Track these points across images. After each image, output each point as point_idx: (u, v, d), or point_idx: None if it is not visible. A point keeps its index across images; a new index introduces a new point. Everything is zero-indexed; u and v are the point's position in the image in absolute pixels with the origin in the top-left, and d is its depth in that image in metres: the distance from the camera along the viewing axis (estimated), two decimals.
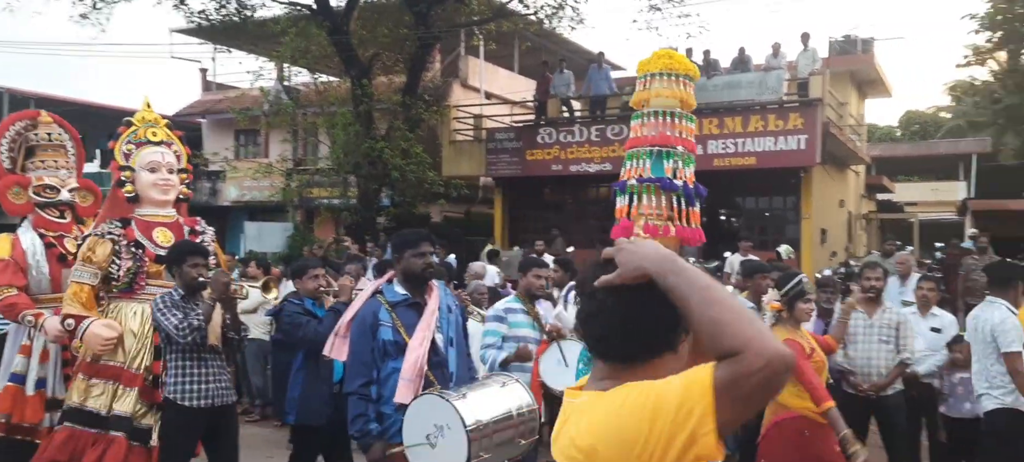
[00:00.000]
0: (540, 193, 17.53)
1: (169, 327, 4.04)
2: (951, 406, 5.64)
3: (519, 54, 20.59)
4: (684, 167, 3.03)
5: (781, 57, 15.01)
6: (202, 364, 4.19)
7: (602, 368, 1.33)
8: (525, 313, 4.80)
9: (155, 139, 4.68)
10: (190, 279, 4.19)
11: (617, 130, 15.70)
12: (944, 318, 6.03)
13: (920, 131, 39.90)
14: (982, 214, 18.81)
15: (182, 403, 4.12)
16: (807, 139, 13.98)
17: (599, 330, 1.32)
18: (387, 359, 3.42)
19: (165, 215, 4.63)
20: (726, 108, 14.71)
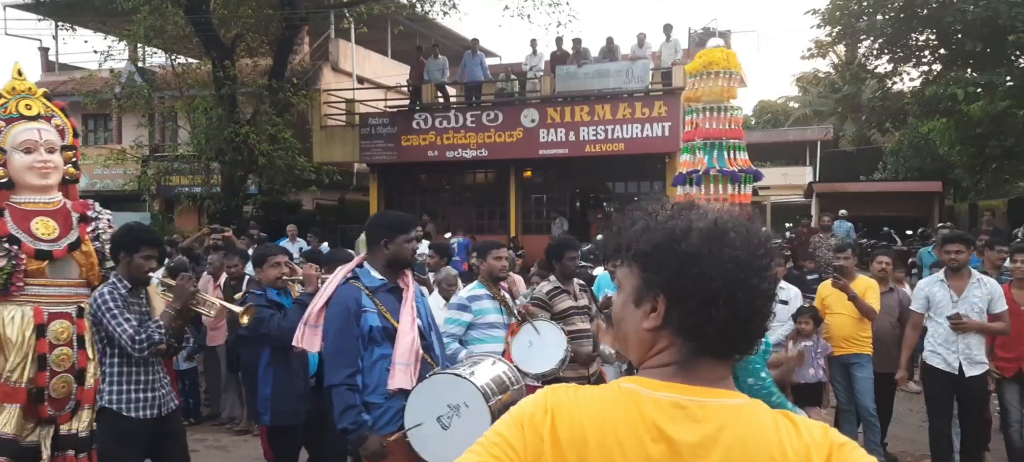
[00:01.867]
0: (416, 179, 17.38)
1: (122, 336, 3.60)
2: (797, 373, 6.07)
3: (392, 39, 20.25)
4: (736, 154, 3.08)
5: (646, 47, 15.63)
6: (147, 370, 3.77)
7: (720, 367, 1.15)
8: (491, 298, 4.67)
9: (30, 113, 3.97)
10: (141, 272, 3.76)
11: (493, 116, 15.84)
12: (790, 291, 6.48)
13: (772, 120, 42.82)
14: (825, 196, 20.46)
15: (126, 414, 3.69)
16: (671, 126, 14.66)
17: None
18: (372, 346, 3.25)
19: (47, 201, 3.96)
20: (596, 96, 15.16)
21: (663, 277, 1.11)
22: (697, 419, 1.08)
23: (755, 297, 1.11)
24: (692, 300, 1.09)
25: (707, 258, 1.09)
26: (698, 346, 1.11)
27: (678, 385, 1.11)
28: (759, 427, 1.09)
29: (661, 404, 1.09)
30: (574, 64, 15.47)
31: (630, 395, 1.11)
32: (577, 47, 15.71)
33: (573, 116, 15.29)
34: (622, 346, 1.23)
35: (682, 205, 1.19)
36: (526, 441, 1.09)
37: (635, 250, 1.15)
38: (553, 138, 15.45)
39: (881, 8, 13.34)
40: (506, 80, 16.87)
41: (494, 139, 15.70)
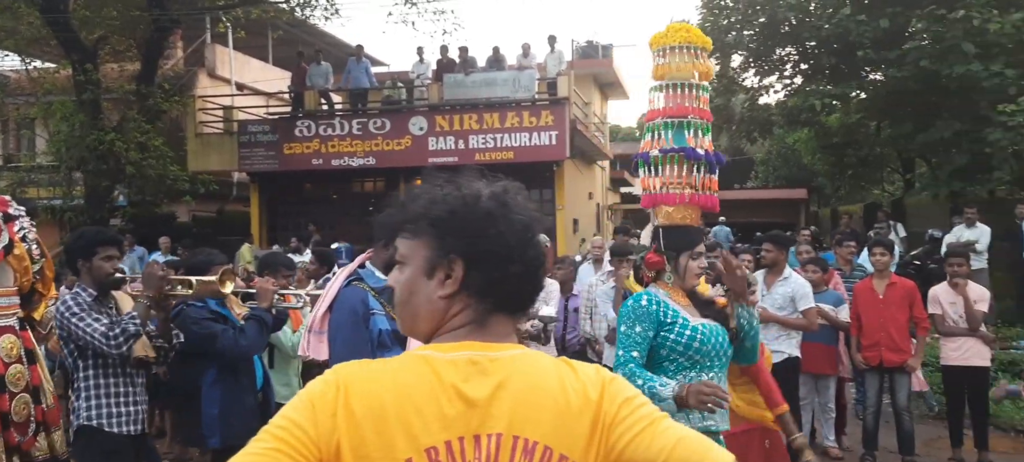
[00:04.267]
0: (301, 188, 16.84)
1: (94, 336, 3.27)
2: None
3: (272, 44, 19.60)
4: (702, 136, 2.91)
5: (531, 57, 15.89)
6: (127, 381, 3.44)
7: (509, 322, 1.25)
8: None
9: None
10: (104, 275, 3.41)
11: (380, 124, 15.61)
12: None
13: None
14: None
15: (108, 429, 3.35)
16: (557, 135, 14.95)
17: None
18: (382, 350, 3.01)
19: None
20: (485, 104, 15.25)
21: (461, 241, 1.16)
22: (488, 373, 1.14)
23: (537, 253, 1.20)
24: (491, 259, 1.16)
25: (502, 219, 1.17)
26: (494, 304, 1.18)
27: (471, 343, 1.16)
28: (541, 371, 1.16)
29: (457, 364, 1.13)
30: (461, 72, 15.50)
31: (425, 360, 1.14)
32: (464, 56, 15.76)
33: (462, 124, 15.30)
34: (410, 322, 1.24)
35: (465, 176, 1.24)
36: (317, 421, 1.08)
37: (428, 220, 1.19)
38: (442, 146, 15.38)
39: (747, 24, 14.18)
40: (393, 87, 16.68)
41: (382, 147, 15.46)
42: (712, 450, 1.13)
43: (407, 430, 1.08)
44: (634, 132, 46.17)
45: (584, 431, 1.12)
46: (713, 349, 2.85)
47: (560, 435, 1.11)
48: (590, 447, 1.12)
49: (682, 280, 2.98)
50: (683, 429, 1.16)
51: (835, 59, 13.22)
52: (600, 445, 1.13)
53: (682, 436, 1.14)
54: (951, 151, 12.00)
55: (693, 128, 3.14)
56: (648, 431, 1.13)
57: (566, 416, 1.12)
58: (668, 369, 2.84)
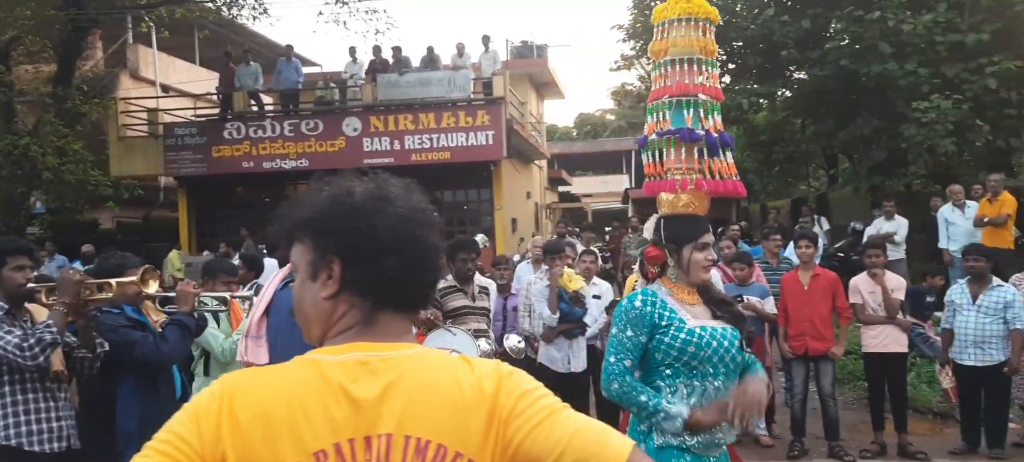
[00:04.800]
0: (231, 192, 16.39)
1: (7, 348, 3.08)
2: None
3: (199, 45, 19.01)
4: (708, 116, 2.58)
5: (466, 57, 15.86)
6: (47, 396, 3.23)
7: (400, 320, 1.25)
8: None
9: None
10: (15, 286, 3.20)
11: (312, 125, 15.32)
12: (602, 286, 6.82)
13: (591, 131, 45.19)
14: (640, 201, 21.81)
15: (28, 448, 3.17)
16: (494, 135, 14.96)
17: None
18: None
19: None
20: (420, 104, 15.14)
21: (336, 240, 1.16)
22: (378, 373, 1.12)
23: (423, 247, 1.18)
24: (365, 254, 1.15)
25: (374, 213, 1.16)
26: (376, 300, 1.17)
27: (360, 343, 1.15)
28: (435, 369, 1.15)
29: (346, 365, 1.12)
30: (395, 73, 15.35)
31: (313, 364, 1.14)
32: (397, 55, 15.62)
33: (397, 125, 15.15)
34: (305, 328, 1.24)
35: (343, 175, 1.24)
36: (201, 432, 1.07)
37: (305, 224, 1.19)
38: (378, 147, 15.20)
39: None
40: (325, 88, 16.39)
41: (315, 149, 15.18)
42: (612, 438, 1.12)
43: (294, 435, 1.07)
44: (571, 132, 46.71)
45: (479, 426, 1.11)
46: (715, 354, 2.57)
47: (454, 432, 1.10)
48: (486, 442, 1.11)
49: (687, 275, 2.70)
50: (583, 419, 1.15)
51: (761, 59, 13.65)
52: (497, 439, 1.11)
53: (581, 425, 1.13)
54: (870, 147, 12.53)
55: (700, 107, 2.85)
56: (547, 422, 1.12)
57: (460, 412, 1.11)
58: (663, 374, 2.60)
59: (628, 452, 1.10)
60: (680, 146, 2.80)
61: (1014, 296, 5.75)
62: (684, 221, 2.75)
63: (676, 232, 2.73)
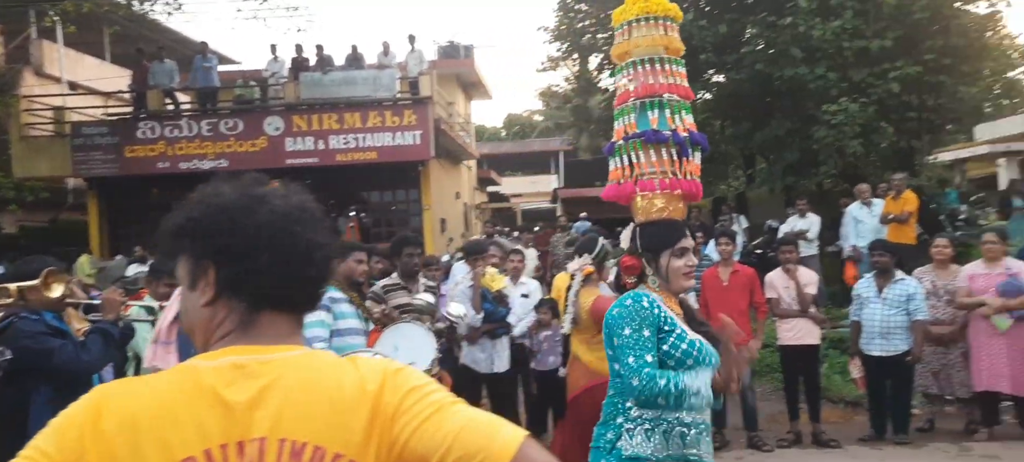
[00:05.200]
0: (146, 193, 15.68)
1: None
2: (539, 361, 6.41)
3: (109, 41, 18.15)
4: (675, 115, 2.74)
5: (391, 56, 15.68)
6: None
7: (283, 321, 1.22)
8: (349, 302, 4.34)
9: None
10: None
11: (232, 124, 14.84)
12: (531, 285, 6.87)
13: (520, 131, 45.44)
14: (569, 201, 22.08)
15: None
16: (421, 135, 14.84)
17: None
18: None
19: None
20: (345, 103, 14.88)
21: (206, 243, 1.15)
22: (255, 376, 1.10)
23: (300, 244, 1.16)
24: (237, 254, 1.13)
25: (242, 211, 1.14)
26: (254, 301, 1.15)
27: (237, 347, 1.13)
28: (316, 369, 1.13)
29: (220, 370, 1.10)
30: (318, 71, 15.04)
31: (187, 370, 1.12)
32: (320, 54, 15.30)
33: (321, 124, 14.84)
34: (191, 339, 1.22)
35: (215, 180, 1.23)
36: (61, 445, 1.05)
37: (179, 233, 1.18)
38: (301, 147, 14.86)
39: (602, 27, 14.75)
40: (245, 86, 15.90)
41: (235, 148, 14.70)
42: (502, 430, 1.10)
43: (161, 443, 1.04)
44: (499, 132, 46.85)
45: (361, 425, 1.08)
46: (704, 359, 2.54)
47: (333, 433, 1.08)
48: (369, 441, 1.09)
49: (667, 283, 2.60)
50: (473, 413, 1.13)
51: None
52: (382, 438, 1.09)
53: (470, 419, 1.10)
54: (784, 148, 13.02)
55: (668, 108, 2.75)
56: (434, 418, 1.09)
57: (340, 412, 1.09)
58: None
59: (518, 444, 1.07)
60: (648, 148, 2.72)
61: (916, 289, 6.09)
62: (660, 227, 2.67)
63: (652, 239, 2.64)
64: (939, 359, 6.30)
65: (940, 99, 12.39)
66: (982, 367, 6.00)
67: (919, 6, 11.54)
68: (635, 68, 2.81)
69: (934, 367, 6.32)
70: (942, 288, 6.30)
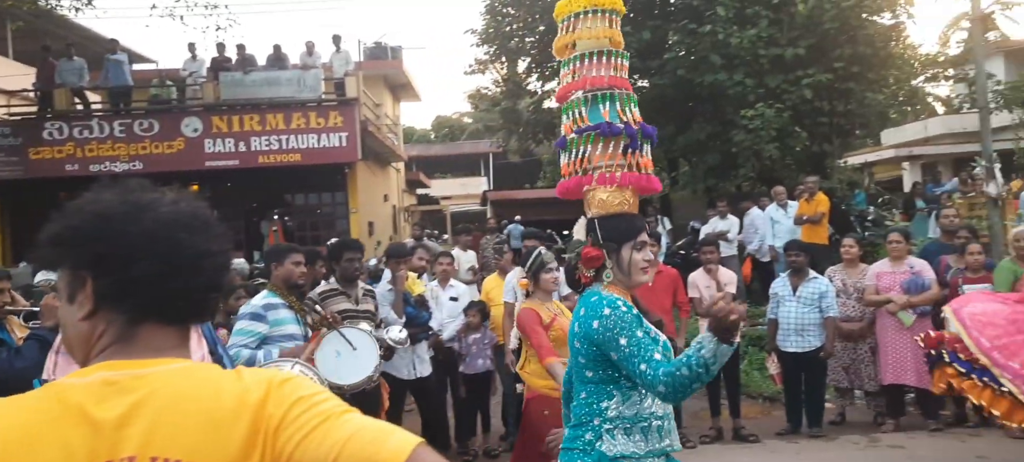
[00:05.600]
0: (53, 197, 14.80)
1: None
2: (468, 364, 6.40)
3: (12, 37, 17.12)
4: (625, 108, 2.69)
5: (316, 56, 15.38)
6: None
7: (165, 334, 1.16)
8: (288, 307, 4.15)
9: None
10: None
11: (147, 125, 14.27)
12: (460, 288, 6.85)
13: (449, 134, 45.28)
14: (498, 203, 22.13)
15: None
16: (347, 137, 14.61)
17: None
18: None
19: None
20: (267, 104, 14.51)
21: (83, 253, 1.10)
22: (127, 391, 1.04)
23: (186, 253, 1.10)
24: (112, 262, 1.08)
25: (121, 218, 1.09)
26: (134, 313, 1.10)
27: (112, 362, 1.08)
28: (194, 382, 1.08)
29: (90, 387, 1.05)
30: (239, 71, 14.60)
31: (54, 388, 1.06)
32: (242, 53, 14.86)
33: (242, 125, 14.43)
34: (72, 355, 1.16)
35: (93, 188, 1.17)
36: None
37: (55, 242, 1.12)
38: (221, 148, 14.41)
39: (529, 31, 14.85)
40: (161, 86, 15.29)
41: (150, 150, 14.13)
42: (392, 437, 1.06)
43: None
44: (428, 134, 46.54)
45: (239, 439, 1.04)
46: (666, 351, 2.46)
47: (209, 447, 1.03)
48: (250, 456, 1.04)
49: (627, 276, 2.54)
50: (364, 421, 1.08)
51: None
52: (264, 451, 1.05)
53: (360, 428, 1.06)
54: (706, 151, 13.42)
55: (615, 100, 2.72)
56: (320, 428, 1.05)
57: (217, 426, 1.04)
58: (622, 384, 2.47)
59: (409, 451, 1.03)
60: (598, 141, 2.68)
61: (828, 287, 6.37)
62: (620, 219, 2.61)
63: (613, 231, 2.57)
64: (849, 354, 6.60)
65: (849, 105, 13.01)
66: (889, 361, 6.33)
67: (829, 17, 12.10)
68: (581, 61, 2.79)
69: (844, 362, 6.62)
70: (851, 286, 6.61)
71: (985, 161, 9.39)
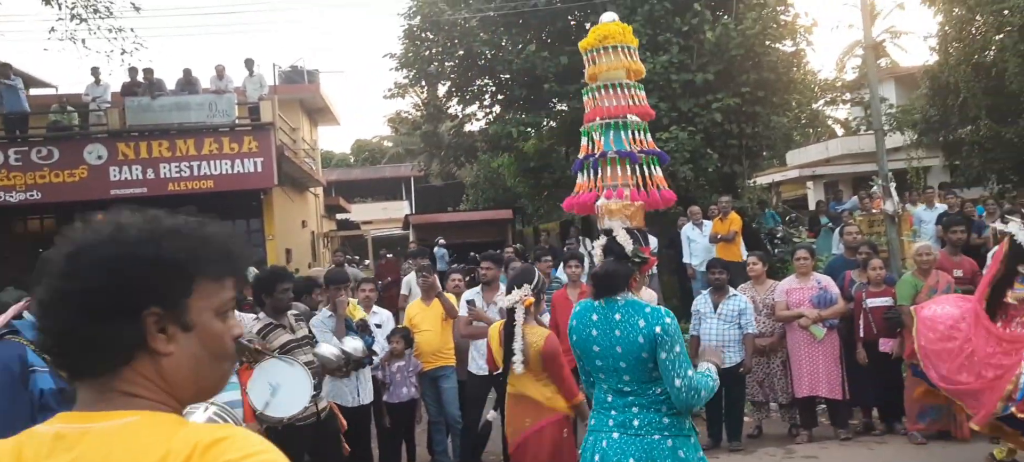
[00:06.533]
0: None
1: None
2: (392, 393, 6.27)
3: None
4: (640, 135, 3.30)
5: (227, 80, 14.95)
6: None
7: (88, 387, 1.09)
8: None
9: None
10: None
11: (45, 152, 13.51)
12: (383, 314, 6.73)
13: (369, 157, 44.75)
14: (421, 226, 21.94)
15: None
16: (263, 162, 14.22)
17: None
18: (45, 414, 2.48)
19: None
20: (177, 130, 13.98)
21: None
22: (69, 448, 1.01)
23: (55, 301, 1.03)
24: (38, 310, 1.06)
25: (52, 261, 1.06)
26: (58, 364, 1.06)
27: (70, 413, 1.05)
28: (123, 443, 1.01)
29: (44, 439, 1.02)
30: (147, 96, 14.02)
31: (26, 435, 1.04)
32: (149, 78, 14.29)
33: (151, 152, 13.85)
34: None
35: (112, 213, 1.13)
36: None
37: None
38: (127, 176, 13.78)
39: (448, 56, 14.90)
40: (62, 112, 14.51)
41: (50, 179, 13.38)
42: None
43: None
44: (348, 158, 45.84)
45: None
46: None
47: None
48: None
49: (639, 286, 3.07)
50: None
51: (526, 91, 14.44)
52: None
53: None
54: None
55: (630, 128, 3.30)
56: None
57: None
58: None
59: None
60: (615, 164, 3.25)
61: (747, 304, 6.58)
62: (637, 235, 3.01)
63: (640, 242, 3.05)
64: (763, 368, 6.83)
65: (756, 128, 13.61)
66: (802, 373, 6.58)
67: (735, 44, 12.65)
68: (600, 92, 3.36)
69: (759, 376, 6.84)
70: (760, 302, 6.85)
71: (882, 180, 9.99)
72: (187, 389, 1.10)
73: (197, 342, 1.08)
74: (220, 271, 1.11)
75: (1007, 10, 15.90)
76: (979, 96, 16.71)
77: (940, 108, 18.19)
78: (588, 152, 3.24)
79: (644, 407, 3.00)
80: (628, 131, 3.25)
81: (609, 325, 3.01)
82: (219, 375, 1.14)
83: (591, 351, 3.13)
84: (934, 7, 18.17)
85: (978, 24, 17.07)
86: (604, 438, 3.06)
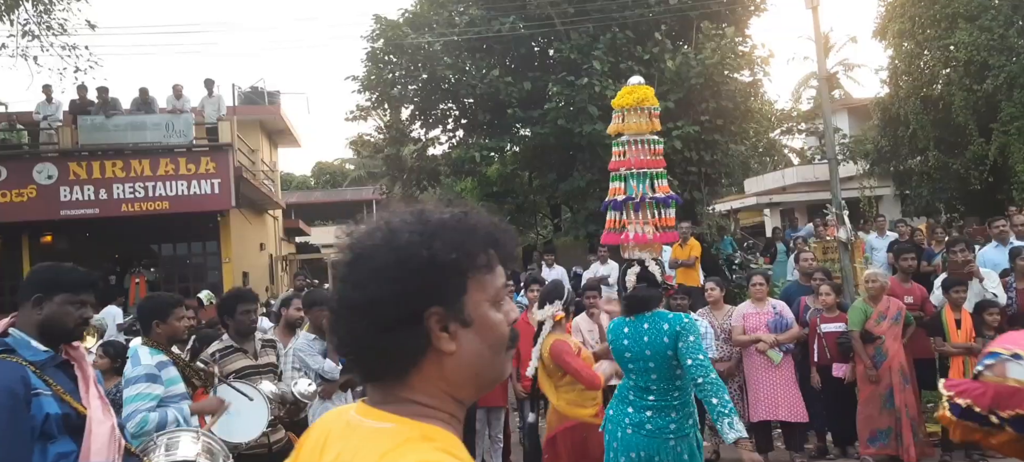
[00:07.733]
0: None
1: None
2: None
3: None
4: (654, 181, 4.29)
5: (185, 100, 14.70)
6: None
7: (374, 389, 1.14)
8: (173, 365, 3.92)
9: None
10: None
11: None
12: None
13: (331, 180, 44.33)
14: None
15: None
16: (221, 183, 13.98)
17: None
18: (46, 444, 2.46)
19: None
20: (132, 150, 13.68)
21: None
22: (348, 437, 1.06)
23: (341, 308, 1.09)
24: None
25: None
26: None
27: (363, 405, 1.10)
28: (364, 444, 1.03)
29: (344, 421, 1.10)
30: (101, 115, 13.72)
31: (336, 414, 1.15)
32: (103, 97, 13.98)
33: (103, 172, 13.52)
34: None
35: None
36: None
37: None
38: (79, 197, 13.41)
39: (412, 79, 14.90)
40: (11, 130, 14.11)
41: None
42: None
43: None
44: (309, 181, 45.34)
45: None
46: None
47: None
48: None
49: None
50: None
51: (490, 115, 14.50)
52: None
53: None
54: (586, 198, 13.83)
55: (648, 177, 4.18)
56: None
57: None
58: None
59: None
60: (648, 207, 4.15)
61: (707, 329, 6.64)
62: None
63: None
64: None
65: (715, 155, 13.85)
66: (760, 398, 6.64)
67: (694, 73, 12.90)
68: (629, 146, 4.25)
69: None
70: (717, 327, 6.93)
71: (835, 208, 10.22)
72: (467, 387, 1.09)
73: (477, 336, 1.08)
74: (490, 260, 1.10)
75: (953, 46, 16.53)
76: (928, 128, 17.28)
77: (891, 139, 18.76)
78: (621, 194, 4.20)
79: (658, 411, 3.71)
80: (649, 179, 4.20)
81: (638, 333, 3.77)
82: (500, 367, 1.13)
83: (623, 358, 3.87)
84: (885, 41, 18.81)
85: (926, 58, 17.70)
86: (620, 430, 3.79)
